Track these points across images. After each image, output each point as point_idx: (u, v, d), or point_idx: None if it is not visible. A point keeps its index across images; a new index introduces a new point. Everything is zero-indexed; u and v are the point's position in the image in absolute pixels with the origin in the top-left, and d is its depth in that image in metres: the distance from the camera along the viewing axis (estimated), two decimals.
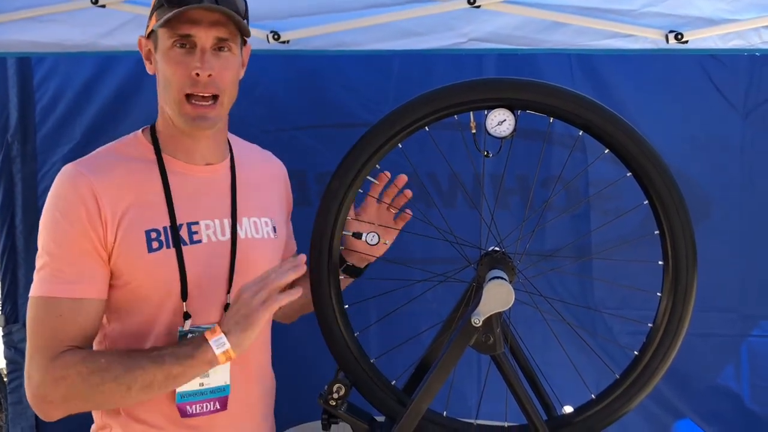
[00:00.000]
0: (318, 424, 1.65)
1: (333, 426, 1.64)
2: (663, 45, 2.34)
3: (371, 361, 1.69)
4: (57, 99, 2.85)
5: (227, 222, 1.56)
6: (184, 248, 1.46)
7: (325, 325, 1.67)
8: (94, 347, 1.50)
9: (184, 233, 1.48)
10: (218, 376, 1.50)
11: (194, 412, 1.48)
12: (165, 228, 1.45)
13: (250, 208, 1.63)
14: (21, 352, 2.90)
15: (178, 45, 1.43)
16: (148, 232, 1.43)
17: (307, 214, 1.97)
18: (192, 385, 1.47)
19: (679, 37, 2.30)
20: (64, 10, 2.36)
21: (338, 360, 1.68)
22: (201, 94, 1.44)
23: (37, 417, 2.90)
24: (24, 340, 2.88)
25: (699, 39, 2.32)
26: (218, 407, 1.51)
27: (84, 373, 1.33)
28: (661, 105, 2.73)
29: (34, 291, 1.39)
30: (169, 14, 1.39)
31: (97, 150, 1.51)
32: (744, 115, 2.72)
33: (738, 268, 2.75)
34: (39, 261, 1.41)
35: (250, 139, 2.79)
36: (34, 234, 2.86)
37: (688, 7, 2.29)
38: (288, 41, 2.40)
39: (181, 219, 1.48)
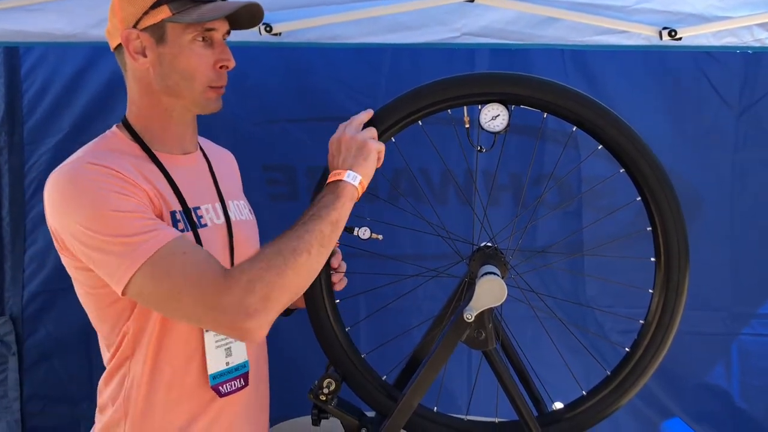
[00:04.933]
0: (308, 419, 1.64)
1: (323, 421, 1.64)
2: (656, 41, 2.35)
3: (362, 356, 1.69)
4: (45, 90, 2.82)
5: (218, 206, 1.59)
6: (198, 231, 1.49)
7: (316, 320, 1.67)
8: (110, 346, 1.48)
9: (194, 217, 1.50)
10: (239, 355, 1.54)
11: (227, 390, 1.52)
12: (180, 212, 1.47)
13: (229, 192, 1.66)
14: (7, 345, 2.88)
15: (200, 39, 1.45)
16: (172, 213, 1.44)
17: (296, 208, 1.96)
18: (219, 365, 1.50)
19: (673, 33, 2.30)
20: None
21: (329, 355, 1.67)
22: (222, 86, 1.51)
23: (22, 411, 2.90)
24: (10, 333, 2.88)
25: (692, 36, 2.33)
26: (243, 384, 1.55)
27: (264, 266, 1.31)
28: (655, 101, 2.73)
29: (135, 262, 1.28)
30: (215, 14, 1.42)
31: (85, 151, 1.45)
32: (738, 113, 2.72)
33: (729, 267, 2.76)
34: (105, 245, 1.30)
35: (240, 131, 2.79)
36: (21, 226, 2.85)
37: (681, 4, 2.29)
38: (280, 33, 2.39)
39: (188, 204, 1.50)
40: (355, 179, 1.43)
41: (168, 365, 1.46)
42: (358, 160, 1.46)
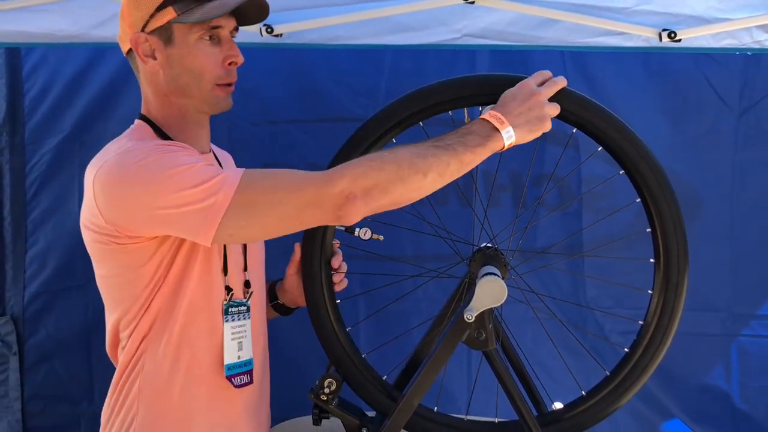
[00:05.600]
0: (309, 419, 1.64)
1: (324, 421, 1.64)
2: (656, 43, 2.35)
3: (363, 356, 1.69)
4: (46, 90, 2.82)
5: None
6: None
7: (317, 320, 1.67)
8: (130, 326, 1.49)
9: None
10: (247, 351, 1.57)
11: (238, 383, 1.54)
12: None
13: None
14: (8, 345, 2.88)
15: (206, 37, 1.47)
16: None
17: None
18: (233, 357, 1.53)
19: (672, 35, 2.30)
20: (56, 0, 2.33)
21: (330, 355, 1.67)
22: (231, 83, 1.52)
23: (23, 411, 2.90)
24: (11, 333, 2.89)
25: (692, 38, 2.33)
26: (249, 380, 1.57)
27: (374, 166, 1.33)
28: (654, 103, 2.73)
29: (225, 198, 1.30)
30: (217, 9, 1.42)
31: (120, 141, 1.48)
32: (738, 114, 2.72)
33: (728, 268, 2.75)
34: (184, 197, 1.31)
35: (240, 132, 2.80)
36: (22, 227, 2.86)
37: (680, 6, 2.29)
38: (281, 35, 2.39)
39: None
40: (509, 138, 1.39)
41: (189, 349, 1.48)
42: (527, 126, 1.41)
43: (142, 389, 1.48)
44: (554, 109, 1.45)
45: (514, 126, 1.39)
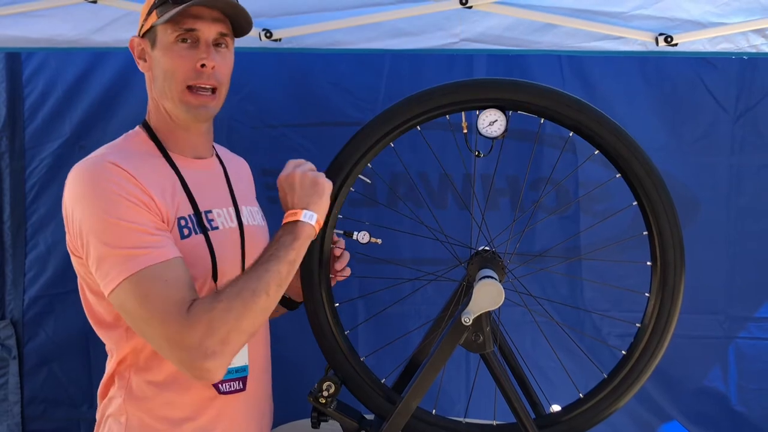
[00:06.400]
0: (307, 422, 1.65)
1: (323, 424, 1.64)
2: (653, 47, 2.36)
3: (361, 359, 1.69)
4: (46, 95, 2.84)
5: (232, 210, 1.63)
6: (209, 233, 1.53)
7: (316, 323, 1.68)
8: (116, 343, 1.50)
9: (204, 220, 1.54)
10: (239, 357, 1.56)
11: (225, 390, 1.54)
12: (190, 216, 1.51)
13: (243, 197, 1.69)
14: (7, 349, 2.88)
15: (180, 40, 1.49)
16: (179, 220, 1.48)
17: None
18: None
19: (669, 39, 2.32)
20: (56, 5, 2.35)
21: (328, 358, 1.68)
22: (203, 86, 1.51)
23: (23, 414, 2.90)
24: (10, 336, 2.89)
25: (688, 42, 2.34)
26: (240, 387, 1.56)
27: (224, 308, 1.33)
28: (651, 106, 2.74)
29: (121, 274, 1.33)
30: (178, 8, 1.45)
31: (108, 147, 1.52)
32: (735, 117, 2.74)
33: (725, 271, 2.76)
34: (102, 250, 1.35)
35: (239, 136, 2.81)
36: (21, 230, 2.87)
37: (677, 10, 2.31)
38: (280, 39, 2.40)
39: (200, 207, 1.54)
40: (311, 218, 1.47)
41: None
42: (311, 200, 1.49)
43: (127, 400, 1.49)
44: (311, 170, 1.53)
45: (305, 208, 1.48)
